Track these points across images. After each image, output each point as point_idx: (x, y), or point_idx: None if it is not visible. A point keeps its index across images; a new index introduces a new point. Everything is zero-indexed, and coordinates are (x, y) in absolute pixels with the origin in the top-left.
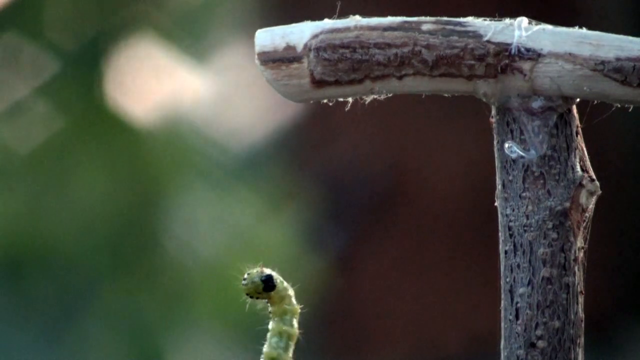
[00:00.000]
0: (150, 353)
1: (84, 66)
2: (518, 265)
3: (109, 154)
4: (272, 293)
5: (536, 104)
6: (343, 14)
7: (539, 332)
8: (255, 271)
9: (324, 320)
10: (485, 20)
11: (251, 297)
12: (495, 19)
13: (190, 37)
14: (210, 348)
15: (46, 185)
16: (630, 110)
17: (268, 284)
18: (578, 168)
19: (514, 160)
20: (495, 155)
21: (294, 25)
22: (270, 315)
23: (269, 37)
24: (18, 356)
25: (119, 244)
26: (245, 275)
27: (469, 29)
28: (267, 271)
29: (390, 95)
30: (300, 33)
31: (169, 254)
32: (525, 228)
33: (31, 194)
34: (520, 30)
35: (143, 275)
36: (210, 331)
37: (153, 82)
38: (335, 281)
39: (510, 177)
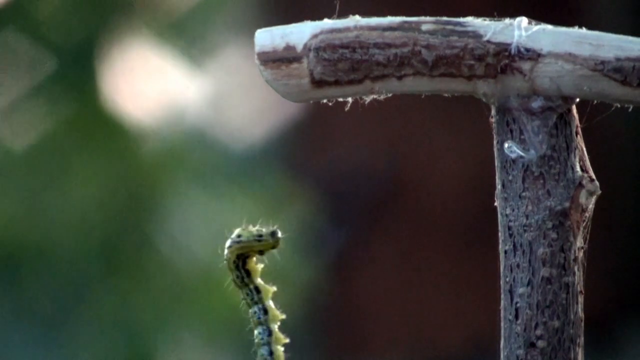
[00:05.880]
0: (143, 354)
1: (80, 66)
2: (518, 265)
3: (104, 155)
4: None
5: (536, 104)
6: (343, 14)
7: (538, 332)
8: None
9: (324, 321)
10: (485, 20)
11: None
12: (495, 19)
13: (188, 37)
14: (203, 349)
15: (40, 185)
16: (630, 110)
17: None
18: (578, 168)
19: (513, 160)
20: (495, 155)
21: (293, 25)
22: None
23: (268, 37)
24: (12, 355)
25: (113, 244)
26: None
27: (468, 29)
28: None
29: (390, 95)
30: (300, 33)
31: (164, 256)
32: (525, 228)
33: (25, 194)
34: (520, 30)
35: (138, 277)
36: (203, 333)
37: (149, 83)
38: (335, 281)
39: (510, 177)
